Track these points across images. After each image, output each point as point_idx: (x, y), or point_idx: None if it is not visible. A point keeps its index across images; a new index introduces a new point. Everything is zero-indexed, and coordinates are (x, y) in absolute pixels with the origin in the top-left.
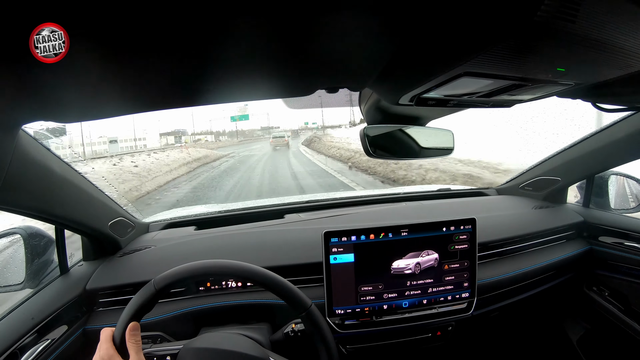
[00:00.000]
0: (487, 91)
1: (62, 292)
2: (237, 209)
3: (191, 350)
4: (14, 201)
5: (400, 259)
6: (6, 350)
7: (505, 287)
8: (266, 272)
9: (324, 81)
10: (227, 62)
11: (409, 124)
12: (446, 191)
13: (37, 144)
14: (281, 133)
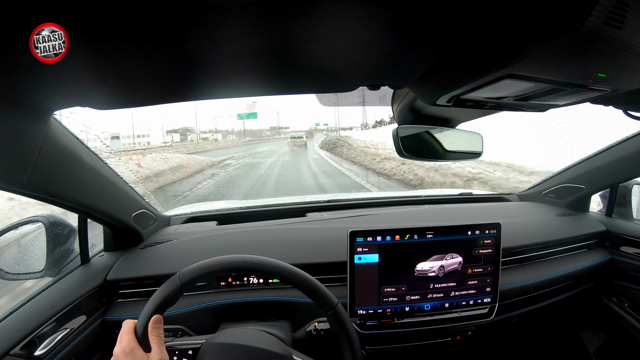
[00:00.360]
0: (526, 94)
1: (82, 281)
2: (259, 205)
3: (214, 345)
4: (42, 188)
5: (424, 261)
6: (25, 338)
7: (526, 294)
8: (294, 269)
9: (369, 77)
10: (271, 55)
11: (439, 126)
12: (468, 195)
13: (66, 132)
14: (299, 133)
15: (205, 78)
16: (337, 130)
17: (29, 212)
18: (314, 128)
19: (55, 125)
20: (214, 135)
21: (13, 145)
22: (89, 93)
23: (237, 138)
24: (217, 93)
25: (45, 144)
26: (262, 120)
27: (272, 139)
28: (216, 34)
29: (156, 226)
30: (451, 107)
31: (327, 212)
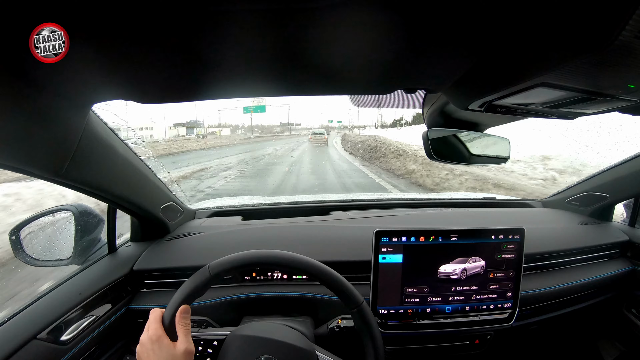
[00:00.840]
0: (556, 102)
1: (109, 270)
2: (283, 202)
3: (239, 337)
4: (79, 178)
5: (447, 263)
6: (52, 323)
7: (547, 300)
8: (322, 266)
9: (407, 81)
10: (316, 56)
11: (468, 130)
12: (492, 200)
13: (103, 124)
14: (320, 130)
15: (247, 77)
16: (350, 128)
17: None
18: (326, 126)
19: (94, 117)
20: (221, 130)
21: (55, 135)
22: (128, 86)
23: (243, 133)
24: (256, 91)
25: (84, 135)
26: (273, 115)
27: (282, 137)
28: (257, 36)
29: (182, 219)
30: (482, 112)
31: (352, 212)
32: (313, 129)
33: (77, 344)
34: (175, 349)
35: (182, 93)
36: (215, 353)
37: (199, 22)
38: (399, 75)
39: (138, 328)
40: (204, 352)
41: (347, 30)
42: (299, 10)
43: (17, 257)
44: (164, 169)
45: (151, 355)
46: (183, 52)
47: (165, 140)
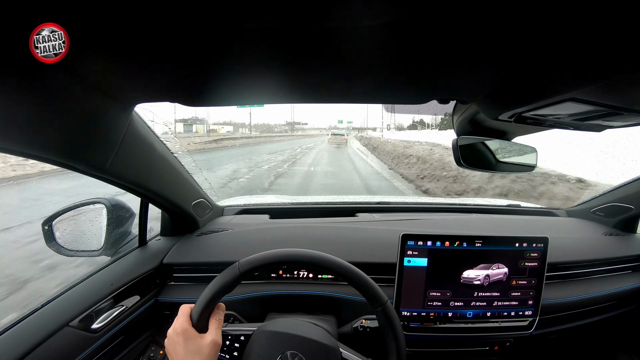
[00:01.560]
0: (585, 116)
1: (140, 263)
2: (310, 202)
3: (265, 332)
4: (120, 173)
5: (471, 269)
6: (85, 311)
7: (567, 310)
8: (349, 265)
9: (441, 93)
10: (355, 64)
11: (497, 138)
12: (516, 207)
13: (143, 123)
14: (341, 131)
15: (285, 83)
16: (360, 130)
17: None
18: (334, 126)
19: (135, 116)
20: (222, 127)
21: (101, 132)
22: (170, 90)
23: (249, 132)
24: (297, 97)
25: (128, 133)
26: (278, 113)
27: (286, 137)
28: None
29: (211, 215)
30: (512, 122)
31: (378, 214)
32: (333, 130)
33: (106, 333)
34: (202, 340)
35: (226, 97)
36: (242, 348)
37: (234, 37)
38: (435, 87)
39: (165, 320)
40: (232, 347)
41: (381, 46)
42: (337, 28)
43: (49, 247)
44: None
45: (177, 346)
46: (223, 59)
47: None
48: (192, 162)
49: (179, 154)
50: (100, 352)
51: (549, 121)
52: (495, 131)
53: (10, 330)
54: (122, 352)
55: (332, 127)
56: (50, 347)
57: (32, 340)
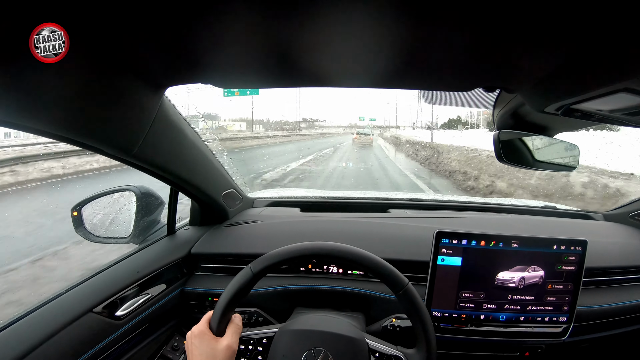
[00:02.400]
0: (636, 110)
1: (167, 251)
2: (341, 197)
3: (287, 332)
4: (149, 158)
5: (506, 270)
6: (109, 298)
7: (603, 318)
8: (363, 251)
9: (487, 80)
10: (395, 49)
11: (539, 134)
12: (552, 209)
13: (174, 108)
14: (366, 130)
15: (318, 63)
16: (384, 128)
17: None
18: (354, 124)
19: (166, 101)
20: (234, 124)
21: (130, 116)
22: (201, 70)
23: (263, 131)
24: (329, 80)
25: (157, 117)
26: (293, 109)
27: (295, 137)
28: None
29: (241, 206)
30: (557, 115)
31: (411, 211)
32: (359, 130)
33: (130, 320)
34: (217, 343)
35: (255, 78)
36: (265, 350)
37: (281, 6)
38: (481, 73)
39: (190, 310)
40: (255, 350)
41: (424, 21)
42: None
43: (77, 233)
44: (227, 157)
45: (193, 348)
46: (261, 39)
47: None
48: (223, 151)
49: (210, 143)
50: (124, 340)
51: (598, 115)
52: (538, 126)
53: (33, 313)
54: (146, 341)
55: (352, 125)
56: (73, 332)
57: (55, 324)
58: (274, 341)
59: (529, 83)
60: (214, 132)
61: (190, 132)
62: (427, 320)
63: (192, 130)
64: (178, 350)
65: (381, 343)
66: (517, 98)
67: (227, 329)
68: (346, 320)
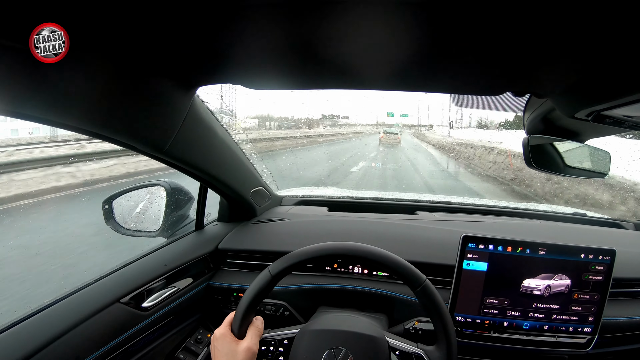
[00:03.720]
0: None
1: (195, 246)
2: (369, 197)
3: (308, 332)
4: (180, 155)
5: (532, 277)
6: (136, 289)
7: (629, 330)
8: (380, 250)
9: (517, 84)
10: (425, 52)
11: (569, 139)
12: (582, 216)
13: (205, 107)
14: (393, 129)
15: (345, 66)
16: (416, 127)
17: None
18: (382, 122)
19: (197, 99)
20: (244, 121)
21: (163, 114)
22: (231, 72)
23: (280, 130)
24: (357, 83)
25: (189, 116)
26: (314, 103)
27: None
28: (371, 31)
29: (270, 204)
30: (588, 121)
31: (439, 213)
32: (385, 128)
33: (156, 312)
34: (237, 345)
35: (284, 81)
36: (286, 351)
37: (309, 10)
38: (512, 77)
39: (215, 304)
40: (276, 352)
41: (453, 25)
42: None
43: (108, 225)
44: (255, 155)
45: (215, 350)
46: (290, 41)
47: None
48: (252, 150)
49: (240, 141)
50: (149, 330)
51: (630, 122)
52: (568, 131)
53: (63, 300)
54: (170, 332)
55: (379, 123)
56: (100, 321)
57: (83, 313)
58: (295, 342)
59: (559, 88)
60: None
61: (220, 130)
62: (446, 316)
63: (222, 128)
64: (202, 343)
65: (401, 341)
66: (547, 103)
67: (248, 331)
68: (366, 319)
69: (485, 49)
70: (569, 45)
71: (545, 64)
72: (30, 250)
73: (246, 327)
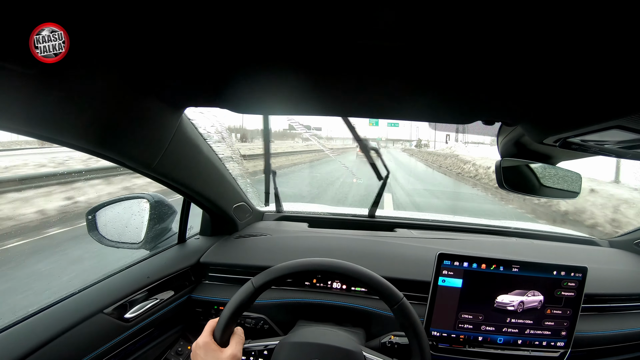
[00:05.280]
0: (631, 144)
1: (177, 259)
2: (349, 214)
3: (287, 344)
4: (166, 173)
5: (505, 293)
6: (119, 301)
7: (601, 345)
8: (359, 267)
9: (486, 113)
10: (403, 82)
11: (541, 162)
12: (557, 234)
13: (192, 125)
14: (373, 145)
15: (327, 96)
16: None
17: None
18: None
19: (185, 119)
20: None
21: (151, 132)
22: (218, 96)
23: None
24: (337, 111)
25: (176, 134)
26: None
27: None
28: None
29: (251, 219)
30: (556, 147)
31: (417, 231)
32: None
33: (138, 323)
34: (221, 354)
35: (271, 106)
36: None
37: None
38: (480, 108)
39: (196, 316)
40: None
41: (427, 64)
42: (376, 46)
43: (91, 236)
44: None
45: (196, 358)
46: (269, 69)
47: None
48: (238, 167)
49: (224, 158)
50: (130, 341)
51: (594, 148)
52: (540, 155)
53: (46, 310)
54: (151, 344)
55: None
56: (83, 331)
57: (66, 323)
58: (274, 353)
59: (527, 117)
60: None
61: (206, 149)
62: (421, 334)
63: (209, 147)
64: (182, 355)
65: (378, 356)
66: (518, 128)
67: (231, 339)
68: (344, 334)
69: (456, 83)
70: (534, 78)
71: (512, 96)
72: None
73: (229, 335)
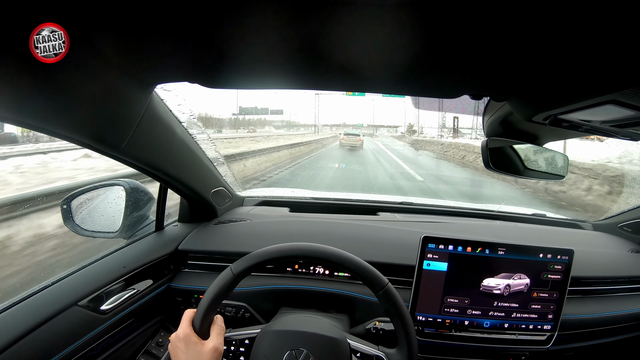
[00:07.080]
0: (624, 122)
1: (155, 247)
2: (331, 198)
3: (269, 332)
4: (137, 155)
5: (491, 277)
6: (94, 292)
7: (587, 327)
8: (343, 252)
9: (475, 86)
10: (382, 51)
11: (528, 142)
12: (542, 217)
13: (164, 106)
14: (356, 131)
15: (303, 67)
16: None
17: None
18: (341, 124)
19: (156, 98)
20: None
21: (118, 111)
22: (189, 70)
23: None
24: (313, 83)
25: (146, 114)
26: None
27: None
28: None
29: (231, 205)
30: (545, 125)
31: (400, 214)
32: (346, 130)
33: (115, 315)
34: (203, 347)
35: (244, 79)
36: (247, 351)
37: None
38: (469, 80)
39: (176, 306)
40: (237, 352)
41: (411, 28)
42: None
43: (66, 226)
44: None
45: (178, 351)
46: (241, 38)
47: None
48: (215, 150)
49: (200, 141)
50: (108, 334)
51: (585, 126)
52: (527, 134)
53: (19, 304)
54: (131, 335)
55: (337, 124)
56: (57, 325)
57: (38, 317)
58: (256, 342)
59: (517, 92)
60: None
61: (180, 130)
62: (407, 319)
63: (183, 128)
64: (163, 346)
65: (362, 343)
66: (505, 106)
67: (211, 330)
68: (328, 320)
69: (442, 52)
70: (525, 50)
71: (502, 67)
72: None
73: (208, 325)
